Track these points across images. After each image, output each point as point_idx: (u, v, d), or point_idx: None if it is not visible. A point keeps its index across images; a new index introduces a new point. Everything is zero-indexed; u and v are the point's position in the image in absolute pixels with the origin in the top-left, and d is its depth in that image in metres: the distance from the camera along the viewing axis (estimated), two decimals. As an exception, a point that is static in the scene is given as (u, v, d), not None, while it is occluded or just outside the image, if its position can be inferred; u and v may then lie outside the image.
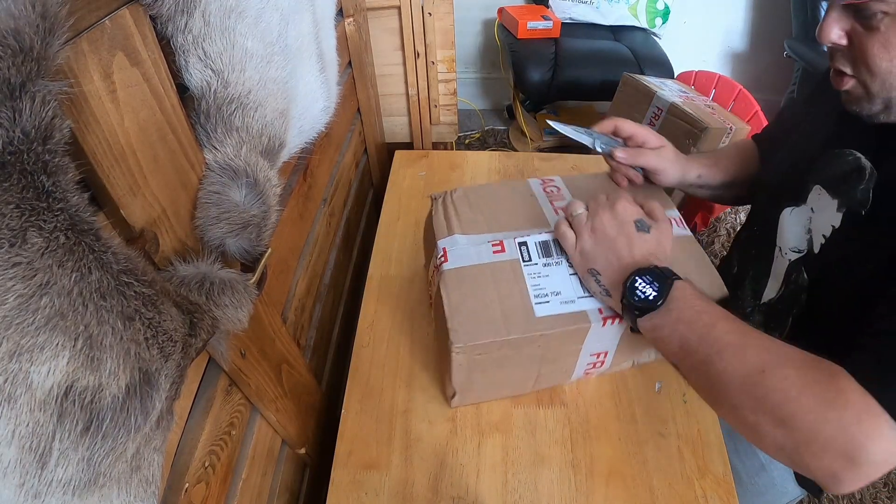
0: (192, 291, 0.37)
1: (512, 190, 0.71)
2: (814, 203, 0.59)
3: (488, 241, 0.63)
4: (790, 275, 0.62)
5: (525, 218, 0.67)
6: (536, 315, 0.57)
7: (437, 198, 0.69)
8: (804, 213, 0.60)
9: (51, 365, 0.24)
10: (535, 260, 0.61)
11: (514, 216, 0.67)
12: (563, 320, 0.57)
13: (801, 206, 0.61)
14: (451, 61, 1.19)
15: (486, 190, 0.71)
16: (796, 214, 0.62)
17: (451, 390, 0.65)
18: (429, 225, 0.70)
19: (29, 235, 0.23)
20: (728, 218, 1.91)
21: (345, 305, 1.05)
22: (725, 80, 1.67)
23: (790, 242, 0.62)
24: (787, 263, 0.63)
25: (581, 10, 2.01)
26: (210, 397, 0.49)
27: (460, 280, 0.60)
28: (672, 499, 0.62)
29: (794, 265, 0.62)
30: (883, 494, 1.24)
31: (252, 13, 0.40)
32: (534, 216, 0.67)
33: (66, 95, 0.25)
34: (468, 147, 2.25)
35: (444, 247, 0.63)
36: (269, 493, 0.64)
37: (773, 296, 0.66)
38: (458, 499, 0.62)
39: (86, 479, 0.27)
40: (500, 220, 0.66)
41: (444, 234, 0.64)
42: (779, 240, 0.64)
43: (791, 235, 0.62)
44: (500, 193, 0.70)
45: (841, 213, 0.55)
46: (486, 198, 0.69)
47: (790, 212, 0.62)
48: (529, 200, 0.70)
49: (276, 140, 0.46)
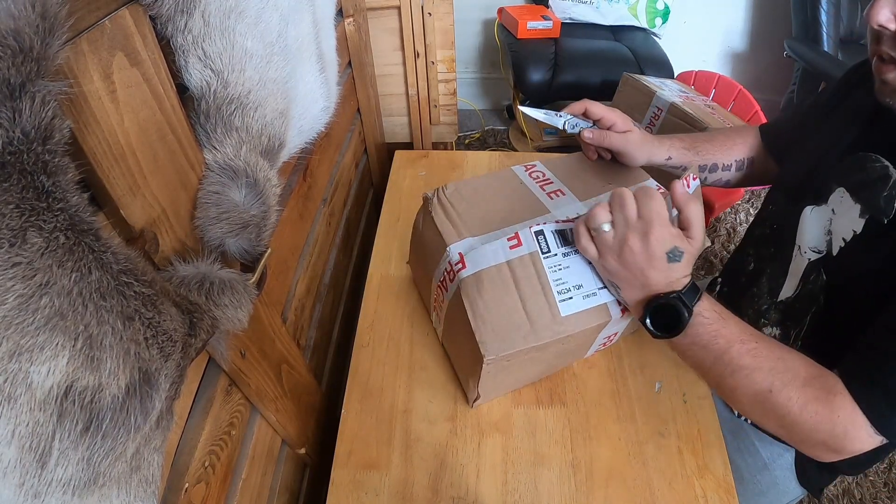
0: (191, 291, 0.37)
1: (501, 181, 0.71)
2: (835, 205, 0.59)
3: (502, 236, 0.60)
4: (808, 275, 0.62)
5: (524, 208, 0.66)
6: (562, 314, 0.57)
7: (431, 196, 0.68)
8: (825, 213, 0.60)
9: (51, 365, 0.24)
10: (553, 250, 0.59)
11: (513, 207, 0.66)
12: (587, 317, 0.58)
13: (822, 206, 0.60)
14: (451, 61, 1.19)
15: (477, 183, 0.70)
16: (817, 214, 0.61)
17: (475, 394, 0.65)
18: (428, 224, 0.67)
19: (29, 235, 0.23)
20: (728, 218, 1.91)
21: (345, 305, 1.05)
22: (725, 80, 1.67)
23: (810, 242, 0.62)
24: (805, 263, 0.62)
25: (581, 10, 2.01)
26: (210, 397, 0.49)
27: (480, 286, 0.58)
28: (672, 499, 0.62)
29: (813, 265, 0.61)
30: (883, 494, 1.24)
31: (252, 13, 0.40)
32: (532, 205, 0.67)
33: (66, 96, 0.25)
34: (468, 147, 2.25)
35: (459, 251, 0.61)
36: (269, 493, 0.64)
37: (791, 294, 0.65)
38: (458, 499, 0.62)
39: (86, 479, 0.27)
40: (503, 213, 0.65)
41: (455, 238, 0.62)
42: (798, 238, 0.64)
43: (811, 235, 0.62)
44: (491, 186, 0.70)
45: (863, 220, 0.55)
46: (480, 191, 0.69)
47: (811, 211, 0.62)
48: (521, 189, 0.69)
49: (276, 140, 0.46)
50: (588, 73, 1.82)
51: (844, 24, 1.91)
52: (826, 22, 1.87)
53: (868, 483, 1.25)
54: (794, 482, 0.72)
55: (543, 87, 1.82)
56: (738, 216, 1.91)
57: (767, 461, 0.72)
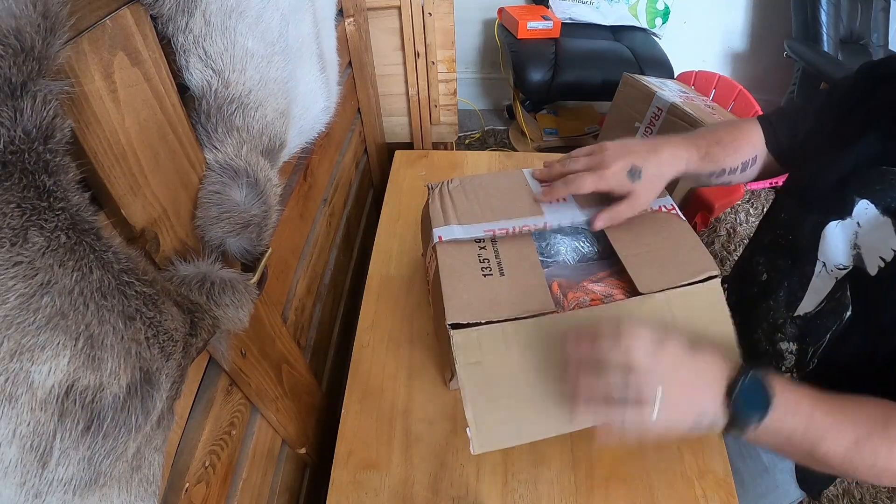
0: (192, 291, 0.37)
1: (507, 179, 0.71)
2: (860, 217, 0.56)
3: (483, 230, 0.63)
4: (835, 293, 0.59)
5: (519, 206, 0.67)
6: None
7: (434, 187, 0.70)
8: (850, 227, 0.57)
9: (52, 364, 0.24)
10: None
11: (508, 205, 0.67)
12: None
13: (846, 219, 0.58)
14: (451, 61, 1.19)
15: (483, 180, 0.71)
16: (841, 229, 0.58)
17: (450, 373, 0.65)
18: (426, 214, 0.70)
19: (30, 235, 0.23)
20: (728, 218, 1.91)
21: (345, 305, 1.05)
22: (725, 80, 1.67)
23: (835, 259, 0.59)
24: (833, 282, 0.59)
25: (581, 10, 2.01)
26: (210, 397, 0.49)
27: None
28: (672, 499, 0.62)
29: (840, 283, 0.59)
30: (883, 495, 1.24)
31: (252, 13, 0.40)
32: (528, 204, 0.67)
33: (67, 95, 0.25)
34: (468, 147, 2.25)
35: (439, 235, 0.63)
36: (269, 493, 0.64)
37: (811, 310, 0.62)
38: (458, 499, 0.62)
39: (87, 479, 0.27)
40: (495, 209, 0.66)
41: (441, 223, 0.65)
42: (821, 255, 0.61)
43: (836, 252, 0.59)
44: (495, 183, 0.70)
45: None
46: (482, 187, 0.69)
47: (836, 226, 0.59)
48: (523, 190, 0.70)
49: (277, 140, 0.46)
50: (588, 74, 1.82)
51: (844, 24, 1.91)
52: (826, 22, 1.87)
53: (868, 483, 1.25)
54: (794, 485, 0.72)
55: (543, 87, 1.82)
56: (738, 216, 1.91)
57: (768, 465, 0.72)
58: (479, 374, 0.53)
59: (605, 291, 0.60)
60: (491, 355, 0.54)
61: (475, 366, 0.53)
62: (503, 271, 0.60)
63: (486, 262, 0.61)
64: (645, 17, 2.03)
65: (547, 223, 0.64)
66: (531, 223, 0.64)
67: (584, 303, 0.59)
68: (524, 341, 0.55)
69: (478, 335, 0.54)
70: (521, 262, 0.60)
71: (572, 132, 2.12)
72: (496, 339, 0.54)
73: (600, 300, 0.59)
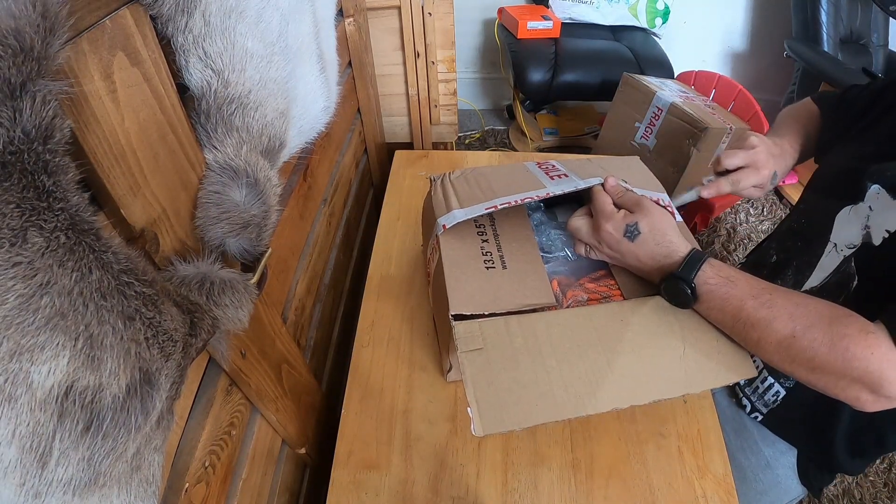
0: (192, 291, 0.37)
1: (509, 169, 0.71)
2: (872, 201, 0.60)
3: (485, 207, 0.62)
4: (840, 267, 0.64)
5: (521, 185, 0.66)
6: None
7: (436, 179, 0.69)
8: (862, 211, 0.61)
9: (51, 365, 0.24)
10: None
11: (509, 185, 0.66)
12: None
13: (858, 204, 0.62)
14: (451, 61, 1.19)
15: (485, 170, 0.70)
16: (854, 213, 0.62)
17: (448, 364, 0.66)
18: (427, 205, 0.69)
19: (29, 235, 0.23)
20: (728, 218, 1.91)
21: (345, 305, 1.05)
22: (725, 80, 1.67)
23: (846, 240, 0.63)
24: (840, 259, 0.63)
25: (581, 10, 2.01)
26: (210, 397, 0.49)
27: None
28: (672, 499, 0.62)
29: (846, 259, 0.63)
30: (883, 495, 1.24)
31: (252, 13, 0.40)
32: (529, 184, 0.66)
33: (67, 95, 0.25)
34: (468, 147, 2.25)
35: (443, 224, 0.62)
36: (269, 493, 0.64)
37: (816, 284, 0.67)
38: (458, 499, 0.62)
39: (86, 479, 0.27)
40: (497, 191, 0.65)
41: (444, 211, 0.64)
42: (834, 236, 0.65)
43: (848, 233, 0.63)
44: (497, 172, 0.70)
45: None
46: (484, 176, 0.69)
47: (849, 211, 0.63)
48: (525, 175, 0.69)
49: (277, 140, 0.46)
50: (588, 74, 1.82)
51: (844, 24, 1.91)
52: (826, 22, 1.87)
53: (868, 483, 1.25)
54: (796, 481, 0.72)
55: (543, 86, 1.82)
56: (738, 216, 1.91)
57: (770, 460, 0.72)
58: (480, 359, 0.54)
59: (604, 292, 0.61)
60: (493, 344, 0.54)
61: (477, 352, 0.54)
62: (505, 264, 0.60)
63: (489, 255, 0.61)
64: (645, 16, 2.03)
65: (549, 192, 0.63)
66: (533, 194, 0.63)
67: (582, 301, 0.59)
68: (526, 333, 0.55)
69: (480, 326, 0.54)
70: (523, 256, 0.61)
71: (572, 132, 2.12)
72: (498, 331, 0.55)
73: (598, 299, 0.59)
